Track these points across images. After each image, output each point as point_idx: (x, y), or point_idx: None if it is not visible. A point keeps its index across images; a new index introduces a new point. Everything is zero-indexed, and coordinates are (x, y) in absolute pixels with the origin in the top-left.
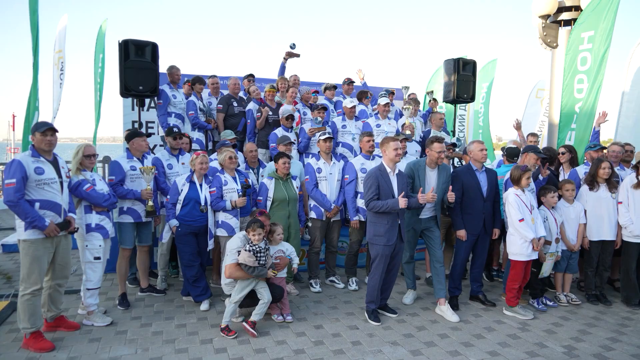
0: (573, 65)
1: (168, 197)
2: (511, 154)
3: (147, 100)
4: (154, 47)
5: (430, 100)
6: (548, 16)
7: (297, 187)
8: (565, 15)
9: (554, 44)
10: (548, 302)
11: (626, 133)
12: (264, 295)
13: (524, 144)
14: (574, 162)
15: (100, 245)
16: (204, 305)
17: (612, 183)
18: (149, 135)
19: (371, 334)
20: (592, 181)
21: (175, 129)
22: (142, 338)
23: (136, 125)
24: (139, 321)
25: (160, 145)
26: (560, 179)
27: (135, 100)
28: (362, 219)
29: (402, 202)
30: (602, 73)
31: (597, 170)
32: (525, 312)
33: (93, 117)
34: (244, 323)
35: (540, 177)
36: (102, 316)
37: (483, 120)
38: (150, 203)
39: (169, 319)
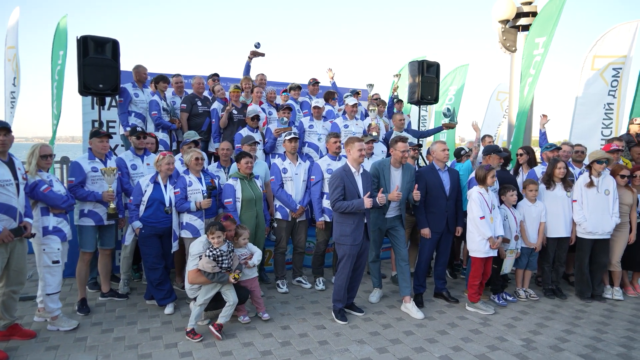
0: (528, 69)
1: (131, 198)
2: (455, 154)
3: (107, 99)
4: (114, 44)
5: (395, 88)
6: (507, 21)
7: (261, 187)
8: (523, 21)
9: (513, 48)
10: (508, 298)
11: (580, 133)
12: (230, 297)
13: (478, 145)
14: (532, 162)
15: (58, 249)
16: (169, 309)
17: (568, 182)
18: (109, 135)
19: (338, 333)
20: (549, 180)
21: (138, 129)
22: (103, 344)
23: (96, 124)
24: (99, 327)
25: (122, 146)
26: (519, 179)
27: (95, 98)
28: (328, 220)
29: (368, 202)
30: (538, 76)
31: (554, 170)
32: (486, 307)
33: (50, 116)
34: (210, 326)
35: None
36: (68, 320)
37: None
38: (113, 205)
39: (131, 323)
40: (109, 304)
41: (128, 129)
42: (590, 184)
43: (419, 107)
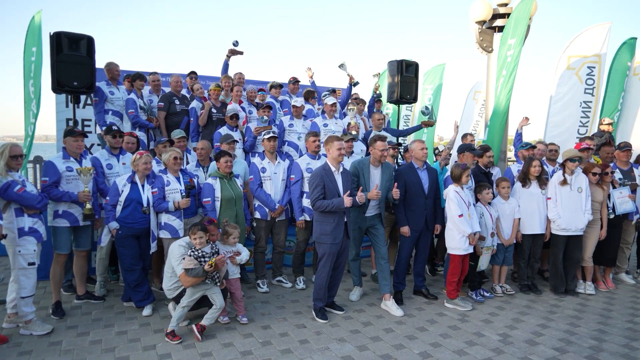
0: (501, 70)
1: (107, 198)
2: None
3: (82, 97)
4: (89, 41)
5: (377, 87)
6: (484, 22)
7: (241, 186)
8: (499, 22)
9: (490, 49)
10: (485, 294)
11: (554, 132)
12: (217, 301)
13: (450, 147)
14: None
15: (34, 250)
16: (147, 311)
17: (542, 180)
18: (84, 134)
19: (318, 331)
20: (524, 178)
21: (114, 128)
22: (79, 348)
23: (70, 123)
24: (75, 330)
25: (98, 145)
26: (494, 176)
27: (69, 96)
28: (308, 219)
29: (347, 201)
30: (514, 77)
31: (529, 168)
32: (464, 303)
33: (22, 114)
34: (194, 326)
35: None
36: (42, 324)
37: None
38: (88, 206)
39: (108, 326)
40: (84, 307)
41: (105, 127)
42: (564, 182)
43: (399, 107)
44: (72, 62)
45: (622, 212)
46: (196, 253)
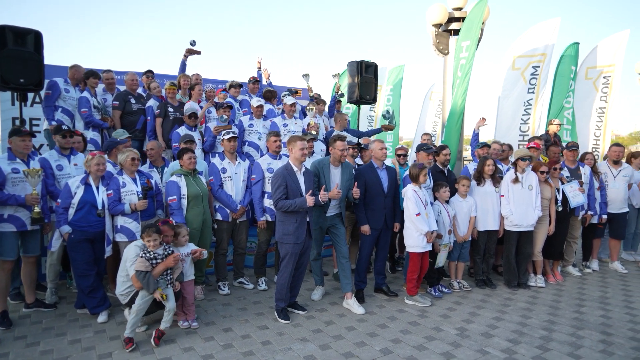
0: (457, 72)
1: (59, 201)
2: None
3: (30, 95)
4: (37, 36)
5: (338, 87)
6: (440, 25)
7: (206, 183)
8: (454, 26)
9: (446, 51)
10: (443, 289)
11: (503, 131)
12: (169, 301)
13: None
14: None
15: None
16: (102, 317)
17: (496, 178)
18: (32, 134)
19: (281, 332)
20: (479, 177)
21: (64, 127)
22: (28, 359)
23: (17, 122)
24: (23, 341)
25: (47, 145)
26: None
27: (15, 94)
28: (270, 219)
29: (310, 200)
30: (469, 78)
31: (483, 167)
32: (423, 299)
33: None
34: (153, 334)
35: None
36: None
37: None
38: (37, 209)
39: (60, 335)
40: (34, 316)
41: (53, 123)
42: (516, 180)
43: (359, 107)
44: (18, 57)
45: (576, 205)
46: (148, 255)
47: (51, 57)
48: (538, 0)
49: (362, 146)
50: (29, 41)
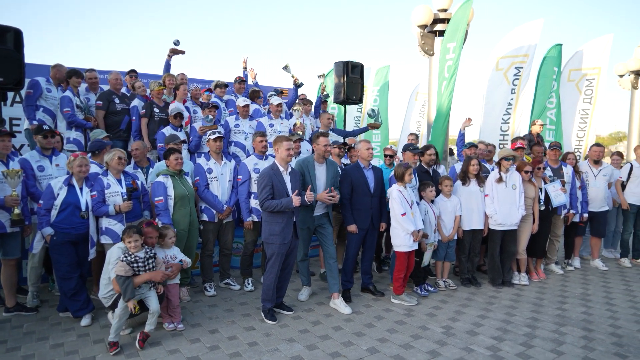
0: (442, 72)
1: (41, 202)
2: None
3: (10, 94)
4: (17, 34)
5: (324, 88)
6: (425, 26)
7: (192, 184)
8: (439, 27)
9: (431, 52)
10: (429, 288)
11: (488, 131)
12: (151, 305)
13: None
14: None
15: None
16: (85, 320)
17: (481, 178)
18: (12, 134)
19: (268, 333)
20: (464, 177)
21: (45, 127)
22: None
23: None
24: (4, 346)
25: (28, 145)
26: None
27: None
28: (256, 220)
29: (296, 201)
30: (455, 79)
31: (468, 167)
32: (410, 298)
33: None
34: (138, 335)
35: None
36: None
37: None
38: (17, 211)
39: (42, 339)
40: (15, 320)
41: (34, 122)
42: (500, 180)
43: (345, 107)
44: None
45: (558, 205)
46: (128, 258)
47: (33, 56)
48: (522, 1)
49: (351, 145)
50: (8, 39)
